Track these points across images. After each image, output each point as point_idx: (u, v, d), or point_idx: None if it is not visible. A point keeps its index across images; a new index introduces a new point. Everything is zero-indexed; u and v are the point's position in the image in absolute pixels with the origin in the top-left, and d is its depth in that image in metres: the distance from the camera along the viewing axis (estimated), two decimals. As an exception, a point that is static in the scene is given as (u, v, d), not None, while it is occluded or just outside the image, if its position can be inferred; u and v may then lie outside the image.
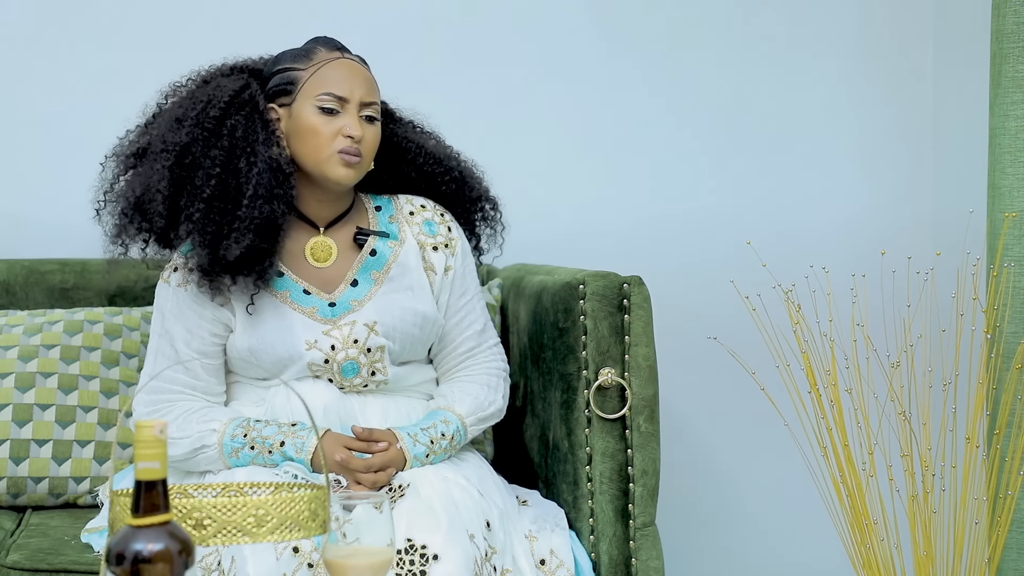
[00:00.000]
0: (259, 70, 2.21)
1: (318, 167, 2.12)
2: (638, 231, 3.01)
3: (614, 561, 2.14)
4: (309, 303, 2.15)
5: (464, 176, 2.33)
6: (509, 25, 2.96)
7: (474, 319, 2.27)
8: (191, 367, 2.13)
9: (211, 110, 2.11)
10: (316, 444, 2.03)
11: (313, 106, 2.11)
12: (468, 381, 2.24)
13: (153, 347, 2.16)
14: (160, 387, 2.13)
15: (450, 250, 2.25)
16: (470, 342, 2.27)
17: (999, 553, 2.31)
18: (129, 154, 2.18)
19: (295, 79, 2.14)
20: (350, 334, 2.14)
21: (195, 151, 2.08)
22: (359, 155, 2.11)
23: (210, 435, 2.08)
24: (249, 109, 2.13)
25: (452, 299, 2.25)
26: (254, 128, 2.11)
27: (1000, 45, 2.39)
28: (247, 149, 2.09)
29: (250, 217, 2.05)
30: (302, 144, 2.12)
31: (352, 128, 2.10)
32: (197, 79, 2.20)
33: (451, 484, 2.02)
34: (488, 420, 2.24)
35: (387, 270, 2.21)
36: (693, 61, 3.02)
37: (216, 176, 2.07)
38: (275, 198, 2.08)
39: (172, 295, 2.14)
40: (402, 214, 2.26)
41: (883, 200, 3.08)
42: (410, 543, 1.88)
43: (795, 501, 2.97)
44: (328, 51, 2.16)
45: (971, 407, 2.30)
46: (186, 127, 2.10)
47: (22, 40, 2.83)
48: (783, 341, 2.39)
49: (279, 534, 1.44)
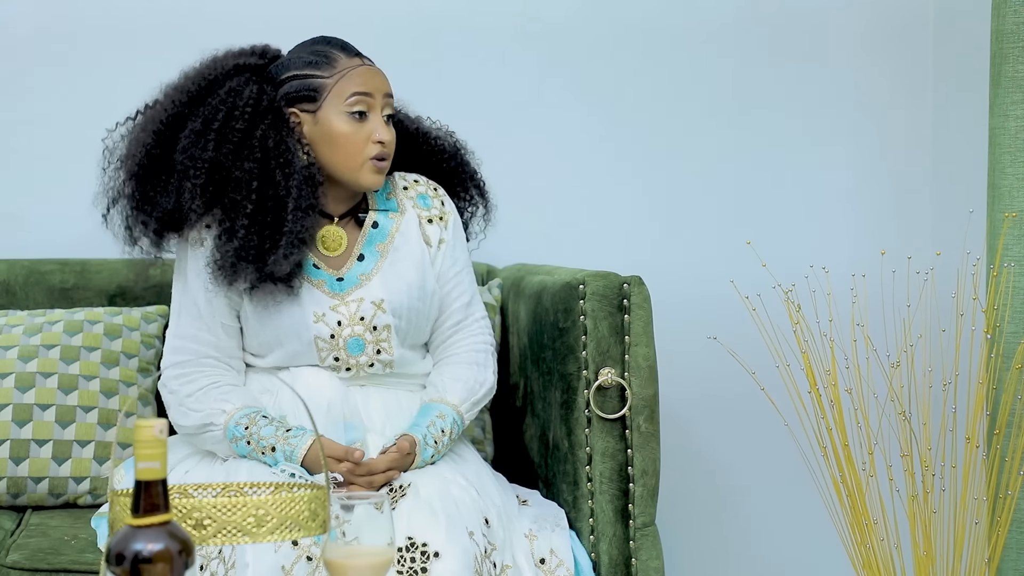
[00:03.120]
0: (260, 67, 2.20)
1: (351, 173, 2.15)
2: (638, 231, 3.01)
3: (614, 561, 2.15)
4: (318, 276, 2.18)
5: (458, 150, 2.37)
6: (509, 24, 2.96)
7: (462, 291, 2.28)
8: (213, 328, 2.16)
9: (235, 122, 2.11)
10: (308, 448, 2.05)
11: (343, 112, 2.13)
12: (455, 363, 2.25)
13: (176, 305, 2.19)
14: (186, 347, 2.16)
15: (444, 223, 2.28)
16: (458, 315, 2.28)
17: (999, 553, 2.31)
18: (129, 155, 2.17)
19: (320, 87, 2.14)
20: (357, 311, 2.16)
21: (227, 165, 2.09)
22: (387, 159, 2.16)
23: (219, 415, 2.10)
24: (272, 117, 2.13)
25: (443, 269, 2.27)
26: (283, 138, 2.12)
27: (1000, 45, 2.39)
28: (281, 160, 2.11)
29: (295, 231, 2.08)
30: (333, 151, 2.14)
31: (381, 132, 2.14)
32: (198, 78, 2.18)
33: (450, 483, 2.03)
34: (482, 401, 2.24)
35: (391, 240, 2.23)
36: (694, 61, 3.02)
37: (255, 190, 2.09)
38: (312, 208, 2.11)
39: (191, 255, 2.17)
40: (398, 190, 2.29)
41: (883, 200, 3.08)
42: (411, 541, 1.89)
43: (795, 501, 2.97)
44: (348, 58, 2.17)
45: (971, 407, 2.30)
46: (212, 141, 2.10)
47: (21, 40, 2.83)
48: (783, 341, 2.39)
49: (279, 534, 1.44)
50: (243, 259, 2.08)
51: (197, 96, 2.15)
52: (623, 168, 3.01)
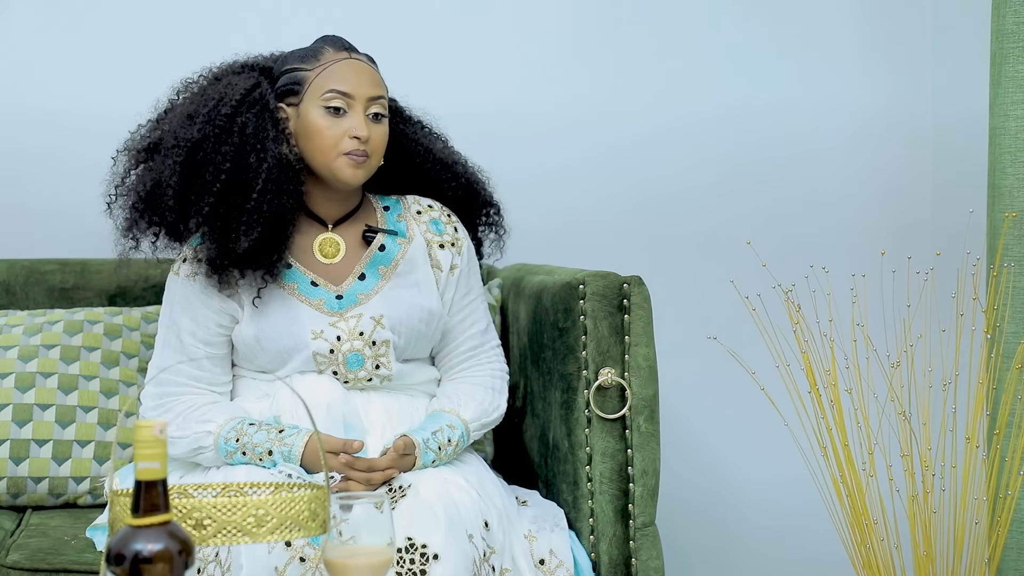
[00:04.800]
0: (269, 68, 2.23)
1: (326, 167, 2.14)
2: (638, 231, 3.01)
3: (614, 561, 2.14)
4: (316, 295, 2.17)
5: (470, 182, 2.37)
6: (509, 24, 2.96)
7: (477, 318, 2.29)
8: (195, 361, 2.15)
9: (223, 107, 2.12)
10: (305, 444, 2.05)
11: (320, 107, 2.13)
12: (473, 383, 2.25)
13: (161, 339, 2.19)
14: (166, 379, 2.15)
15: (456, 248, 2.27)
16: (472, 341, 2.28)
17: (999, 553, 2.31)
18: (140, 148, 2.21)
19: (302, 79, 2.16)
20: (356, 326, 2.15)
21: (206, 147, 2.10)
22: (366, 155, 2.14)
23: (206, 436, 2.09)
24: (260, 108, 2.14)
25: (457, 297, 2.27)
26: (264, 126, 2.13)
27: (1000, 45, 2.39)
28: (256, 146, 2.11)
29: (259, 210, 2.08)
30: (309, 144, 2.14)
31: (358, 129, 2.12)
32: (209, 76, 2.22)
33: (451, 485, 2.02)
34: (490, 425, 2.26)
35: (395, 266, 2.22)
36: (692, 60, 3.01)
37: (226, 171, 2.09)
38: (284, 192, 2.11)
39: (181, 286, 2.17)
40: (410, 213, 2.28)
41: (883, 200, 3.08)
42: (410, 542, 1.89)
43: (795, 501, 2.97)
44: (335, 51, 2.18)
45: (971, 407, 2.30)
46: (198, 124, 2.12)
47: (24, 39, 2.83)
48: (783, 341, 2.39)
49: (279, 534, 1.44)
50: (207, 237, 2.08)
51: (200, 91, 2.18)
52: (623, 168, 3.01)
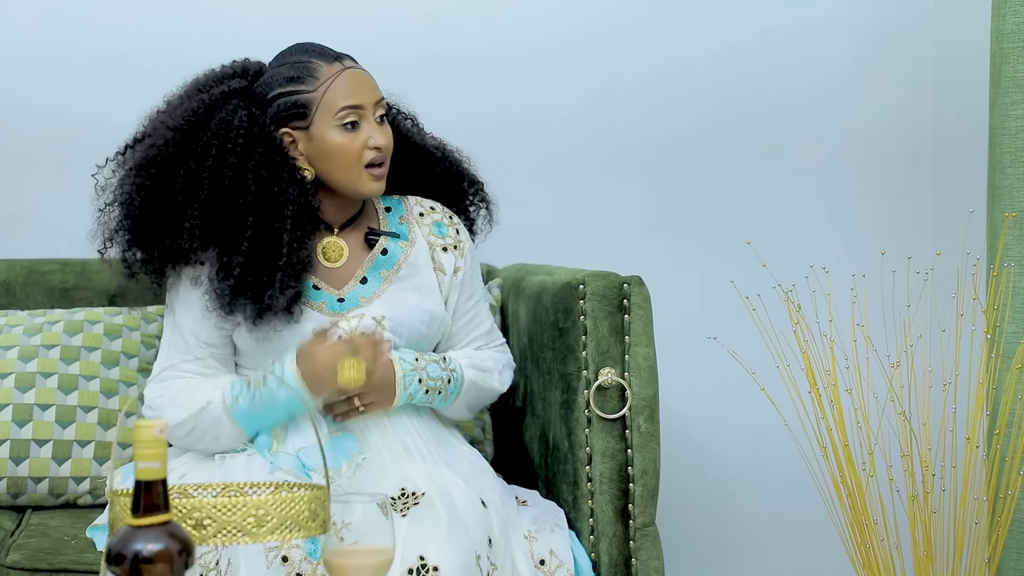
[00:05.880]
0: (246, 89, 2.17)
1: (351, 185, 2.14)
2: (638, 231, 3.01)
3: (614, 561, 2.14)
4: (318, 298, 2.16)
5: (451, 163, 2.35)
6: (509, 24, 2.96)
7: (481, 320, 2.30)
8: (201, 359, 2.15)
9: (229, 156, 2.07)
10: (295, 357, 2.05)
11: (335, 126, 2.12)
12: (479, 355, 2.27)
13: (166, 340, 2.19)
14: (170, 376, 2.16)
15: (459, 251, 2.27)
16: (478, 342, 2.29)
17: (999, 553, 2.31)
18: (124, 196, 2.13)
19: (307, 102, 2.12)
20: (358, 326, 2.15)
21: (223, 202, 2.07)
22: (384, 163, 2.15)
23: (214, 390, 2.09)
24: (265, 146, 2.10)
25: (461, 300, 2.27)
26: (275, 167, 2.10)
27: (1000, 45, 2.39)
28: (275, 189, 2.09)
29: (290, 265, 2.08)
30: (330, 164, 2.13)
31: (376, 138, 2.13)
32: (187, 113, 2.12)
33: (463, 500, 2.00)
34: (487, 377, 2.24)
35: (397, 269, 2.22)
36: (692, 60, 3.01)
37: (250, 226, 2.07)
38: (308, 236, 2.11)
39: (183, 288, 2.16)
40: (412, 215, 2.28)
41: (883, 200, 3.08)
42: (422, 563, 1.87)
43: (795, 501, 2.97)
44: (327, 64, 2.14)
45: (971, 407, 2.30)
46: (207, 179, 2.07)
47: (21, 40, 2.83)
48: (783, 341, 2.39)
49: (279, 534, 1.44)
50: (240, 295, 2.08)
51: (188, 131, 2.10)
52: (623, 167, 3.01)
